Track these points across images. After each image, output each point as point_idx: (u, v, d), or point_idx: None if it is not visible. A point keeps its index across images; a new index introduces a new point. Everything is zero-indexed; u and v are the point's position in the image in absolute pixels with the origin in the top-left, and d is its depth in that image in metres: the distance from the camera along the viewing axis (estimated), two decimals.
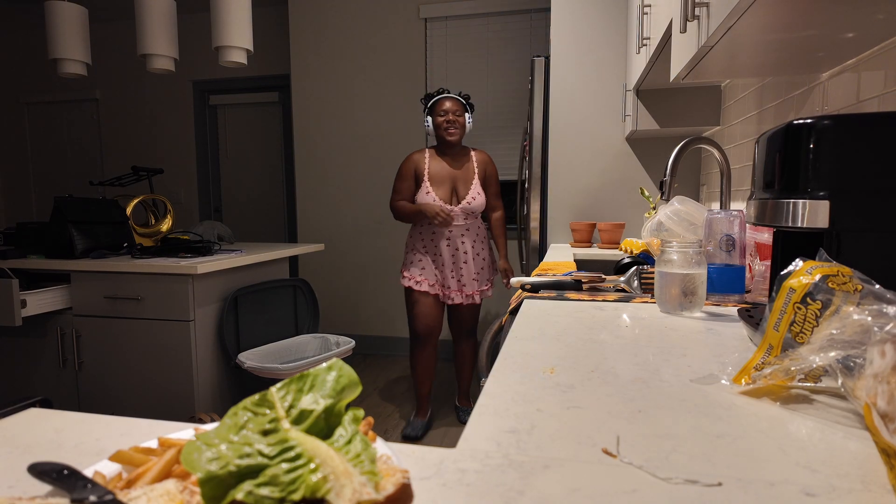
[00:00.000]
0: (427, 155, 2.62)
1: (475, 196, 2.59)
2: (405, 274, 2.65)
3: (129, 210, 2.68)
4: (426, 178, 2.57)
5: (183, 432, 0.45)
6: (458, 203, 2.58)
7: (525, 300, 1.09)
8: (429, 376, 2.76)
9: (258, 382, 2.52)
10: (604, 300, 1.08)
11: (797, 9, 0.89)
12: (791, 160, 0.74)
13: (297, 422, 0.36)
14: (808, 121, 0.72)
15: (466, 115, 2.59)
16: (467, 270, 2.62)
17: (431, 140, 3.95)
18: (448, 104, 2.56)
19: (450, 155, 2.62)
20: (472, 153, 2.66)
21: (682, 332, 0.83)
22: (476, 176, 2.62)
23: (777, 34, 1.03)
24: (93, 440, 0.48)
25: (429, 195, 2.55)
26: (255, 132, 4.59)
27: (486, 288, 2.72)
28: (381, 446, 0.39)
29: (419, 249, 2.63)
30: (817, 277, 0.55)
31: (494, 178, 2.69)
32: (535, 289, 1.20)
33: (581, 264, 2.19)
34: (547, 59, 2.74)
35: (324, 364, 0.39)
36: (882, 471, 0.41)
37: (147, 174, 2.92)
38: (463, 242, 2.59)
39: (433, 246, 2.61)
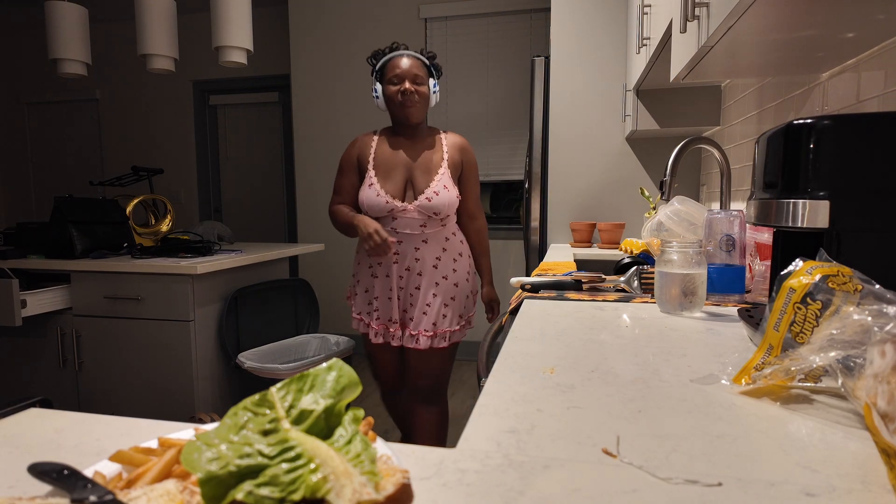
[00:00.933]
0: (377, 137, 1.88)
1: (439, 190, 1.77)
2: (353, 311, 1.93)
3: (129, 210, 2.68)
4: (370, 165, 1.82)
5: (183, 432, 0.45)
6: (415, 198, 1.79)
7: (525, 300, 1.09)
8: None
9: (258, 382, 2.52)
10: (604, 300, 1.08)
11: (797, 9, 0.89)
12: (791, 160, 0.74)
13: (297, 422, 0.36)
14: (808, 121, 0.72)
15: (431, 81, 1.83)
16: (420, 300, 1.81)
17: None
18: (404, 65, 1.77)
19: (406, 135, 1.86)
20: (442, 134, 1.89)
21: (682, 332, 0.83)
22: (445, 164, 1.82)
23: (777, 34, 1.03)
24: (93, 440, 0.48)
25: (372, 188, 1.78)
26: (255, 132, 4.59)
27: (451, 329, 1.83)
28: (381, 446, 0.39)
29: (364, 270, 1.88)
30: (817, 277, 0.55)
31: (473, 174, 1.91)
32: (535, 289, 1.20)
33: (581, 264, 2.19)
34: (547, 59, 2.74)
35: (324, 364, 0.39)
36: (882, 471, 0.41)
37: (147, 174, 2.92)
38: (418, 259, 1.80)
39: (377, 263, 1.85)
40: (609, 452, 0.44)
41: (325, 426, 0.36)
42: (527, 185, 2.80)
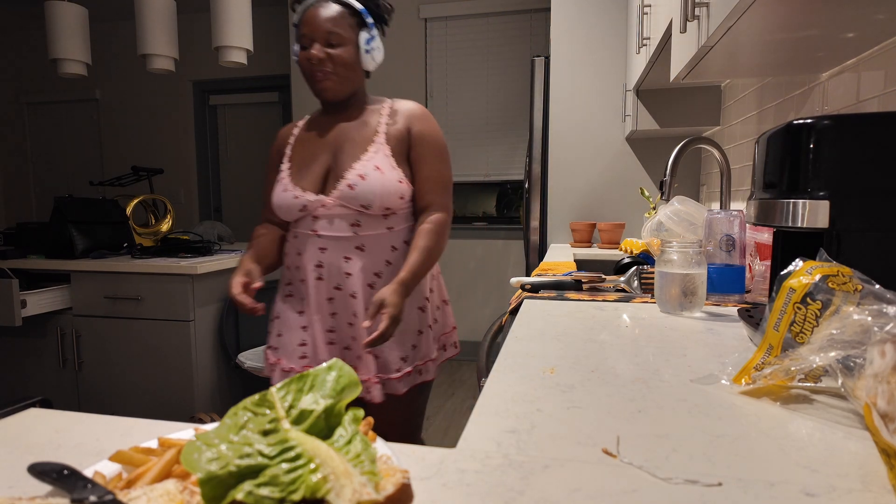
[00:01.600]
0: (302, 122, 1.40)
1: (367, 172, 1.22)
2: (268, 350, 1.37)
3: (129, 210, 2.68)
4: (286, 157, 1.34)
5: (183, 432, 0.45)
6: (336, 188, 1.24)
7: (525, 300, 1.09)
8: None
9: (258, 382, 2.52)
10: (604, 300, 1.08)
11: (797, 9, 0.89)
12: (791, 160, 0.74)
13: (297, 422, 0.36)
14: (808, 121, 0.72)
15: (363, 35, 1.27)
16: (360, 332, 1.26)
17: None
18: (315, 20, 1.24)
19: (333, 112, 1.34)
20: (387, 104, 1.34)
21: (682, 332, 0.83)
22: (381, 137, 1.27)
23: (777, 34, 1.03)
24: (93, 440, 0.48)
25: (280, 183, 1.30)
26: (255, 132, 4.59)
27: (399, 375, 1.28)
28: (381, 446, 0.39)
29: (283, 291, 1.37)
30: (817, 277, 0.55)
31: (430, 150, 1.29)
32: (535, 289, 1.20)
33: (581, 264, 2.18)
34: (547, 59, 2.74)
35: (324, 364, 0.39)
36: (882, 471, 0.41)
37: (147, 174, 2.93)
38: (350, 275, 1.26)
39: (299, 281, 1.32)
40: (609, 452, 0.44)
41: (325, 426, 0.36)
42: (527, 185, 2.80)
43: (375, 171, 1.23)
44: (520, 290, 1.23)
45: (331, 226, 1.26)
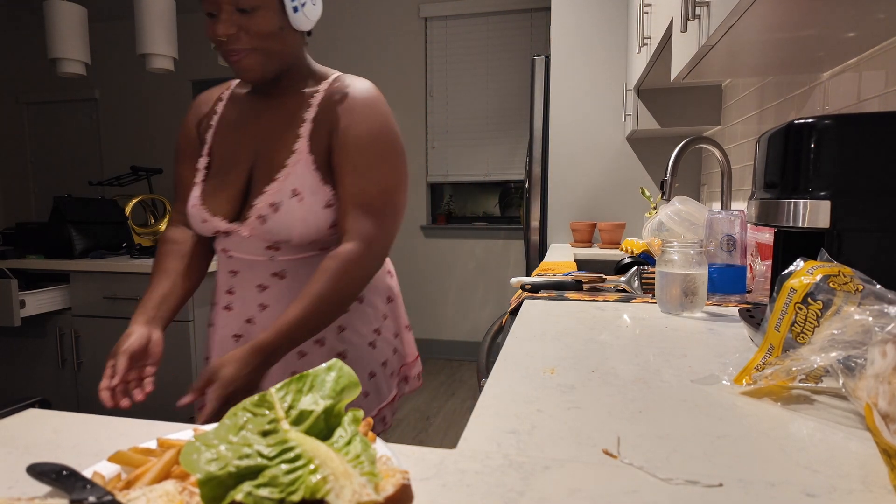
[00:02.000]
0: (228, 93, 1.07)
1: (282, 200, 0.93)
2: (206, 357, 1.15)
3: (128, 210, 2.68)
4: (205, 148, 1.03)
5: (182, 433, 0.45)
6: (247, 216, 0.95)
7: (525, 300, 1.09)
8: None
9: None
10: (604, 300, 1.08)
11: (798, 8, 0.89)
12: (792, 160, 0.74)
13: (296, 422, 0.35)
14: (809, 120, 0.72)
15: None
16: (267, 380, 0.92)
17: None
18: None
19: (264, 94, 1.02)
20: (324, 85, 0.99)
21: (682, 332, 0.83)
22: (303, 145, 0.94)
23: (777, 34, 1.03)
24: (91, 441, 0.47)
25: (193, 193, 1.01)
26: None
27: None
28: (380, 447, 0.38)
29: (211, 300, 1.11)
30: (818, 277, 0.55)
31: (353, 154, 0.92)
32: (535, 289, 1.20)
33: (581, 264, 2.18)
34: (547, 58, 2.74)
35: (323, 364, 0.39)
36: (883, 471, 0.40)
37: (146, 174, 2.92)
38: (265, 307, 1.00)
39: (212, 304, 1.09)
40: (609, 453, 0.44)
41: (324, 427, 0.36)
42: (527, 185, 2.80)
43: (293, 198, 0.92)
44: (520, 290, 1.23)
45: (243, 247, 0.98)
